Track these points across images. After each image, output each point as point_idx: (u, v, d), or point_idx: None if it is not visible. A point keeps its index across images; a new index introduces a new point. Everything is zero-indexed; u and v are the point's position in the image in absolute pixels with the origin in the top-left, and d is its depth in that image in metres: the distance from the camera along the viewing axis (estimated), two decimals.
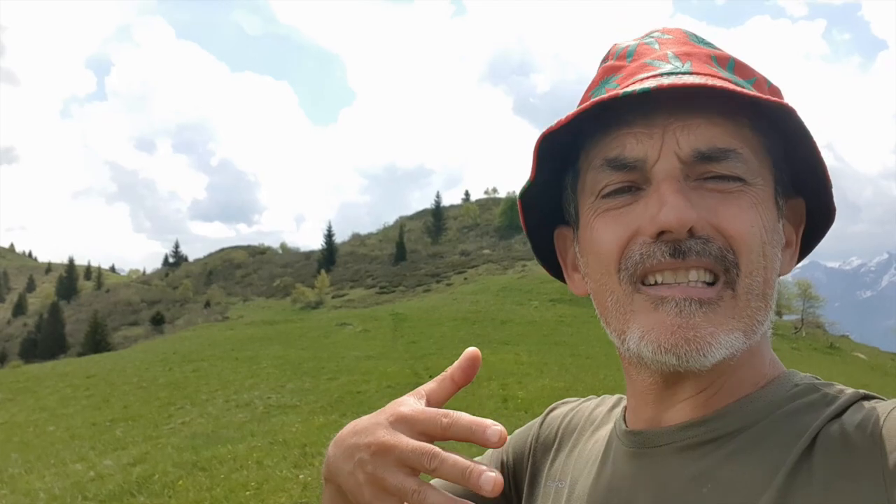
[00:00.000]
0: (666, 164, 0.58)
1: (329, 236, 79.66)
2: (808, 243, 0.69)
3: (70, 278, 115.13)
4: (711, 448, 0.59)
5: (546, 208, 0.71)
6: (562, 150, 0.65)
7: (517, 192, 0.70)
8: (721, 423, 0.59)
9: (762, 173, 0.59)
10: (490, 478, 0.47)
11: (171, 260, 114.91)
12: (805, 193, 0.66)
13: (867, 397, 0.57)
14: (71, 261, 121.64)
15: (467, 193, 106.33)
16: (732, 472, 0.56)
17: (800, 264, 0.69)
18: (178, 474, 6.67)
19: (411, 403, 0.56)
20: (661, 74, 0.60)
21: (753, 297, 0.58)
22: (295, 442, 7.82)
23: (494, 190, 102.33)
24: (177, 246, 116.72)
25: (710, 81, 0.57)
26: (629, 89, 0.57)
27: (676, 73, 0.60)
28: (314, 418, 9.72)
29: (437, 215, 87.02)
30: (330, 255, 76.50)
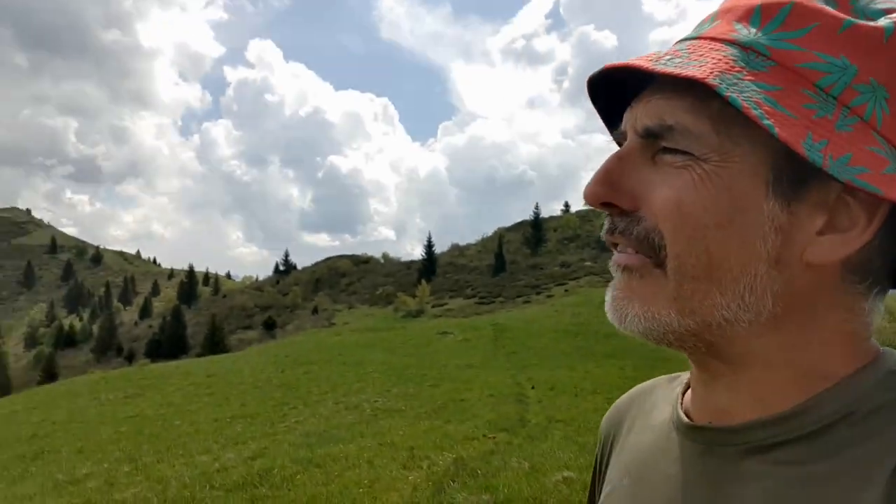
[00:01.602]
0: (629, 138, 0.59)
1: (429, 246, 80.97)
2: None
3: (190, 284, 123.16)
4: (794, 448, 0.54)
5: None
6: None
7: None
8: (806, 418, 0.54)
9: (730, 148, 0.53)
10: None
11: (281, 268, 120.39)
12: None
13: None
14: (191, 267, 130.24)
15: (567, 205, 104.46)
16: (822, 474, 0.52)
17: None
18: (295, 469, 7.01)
19: None
20: (680, 41, 0.60)
21: (688, 280, 0.54)
22: (403, 444, 8.03)
23: None
24: (286, 255, 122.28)
25: (636, 60, 0.55)
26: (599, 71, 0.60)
27: (687, 39, 0.59)
28: (420, 423, 9.93)
29: (536, 226, 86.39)
30: (430, 265, 77.67)
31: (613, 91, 0.63)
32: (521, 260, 76.52)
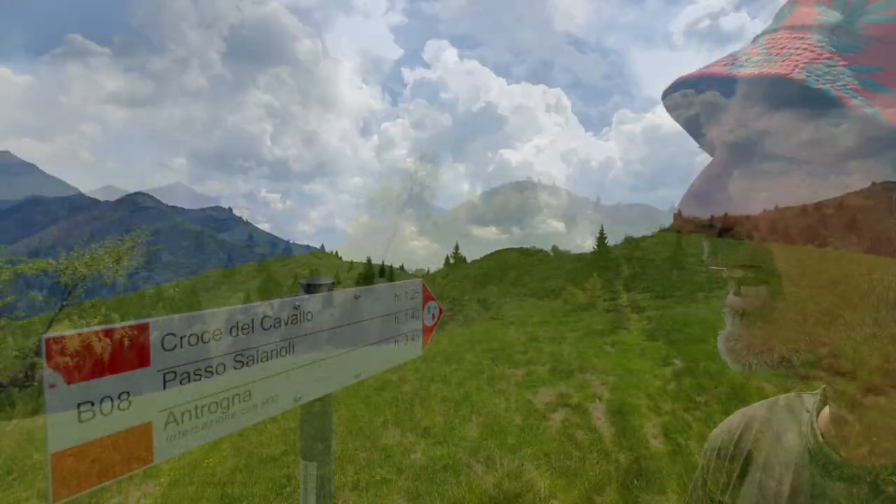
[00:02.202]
0: (718, 149, 0.52)
1: (601, 239, 79.07)
2: None
3: (368, 275, 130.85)
4: None
5: None
6: None
7: None
8: None
9: (834, 145, 0.45)
10: None
11: (451, 261, 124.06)
12: None
13: None
14: (369, 260, 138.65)
15: None
16: None
17: None
18: (473, 460, 7.17)
19: None
20: (758, 36, 0.52)
21: (809, 301, 0.47)
22: (581, 441, 7.92)
23: None
24: (456, 248, 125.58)
25: (710, 68, 0.48)
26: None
27: (765, 34, 0.51)
28: (595, 419, 9.72)
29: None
30: (601, 258, 75.90)
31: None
32: (700, 253, 72.49)
